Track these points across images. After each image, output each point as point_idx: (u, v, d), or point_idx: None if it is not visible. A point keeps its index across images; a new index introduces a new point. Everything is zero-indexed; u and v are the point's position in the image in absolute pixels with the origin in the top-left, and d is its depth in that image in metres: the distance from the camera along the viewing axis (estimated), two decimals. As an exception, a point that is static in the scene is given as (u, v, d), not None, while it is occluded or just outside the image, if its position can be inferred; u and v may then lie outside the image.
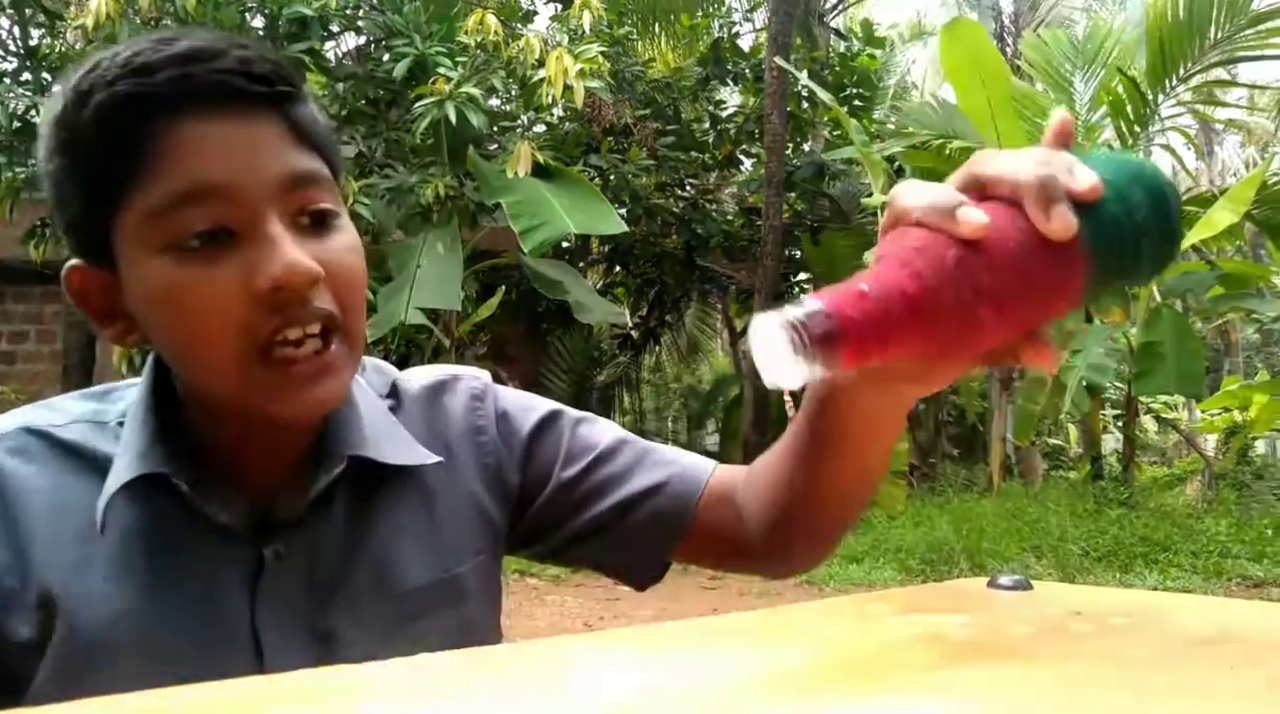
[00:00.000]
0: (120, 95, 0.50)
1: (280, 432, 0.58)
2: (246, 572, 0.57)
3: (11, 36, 6.52)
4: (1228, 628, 0.45)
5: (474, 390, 0.68)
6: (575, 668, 0.37)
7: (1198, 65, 6.60)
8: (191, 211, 0.50)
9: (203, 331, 0.51)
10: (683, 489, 0.66)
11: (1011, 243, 0.40)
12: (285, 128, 0.53)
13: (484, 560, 0.66)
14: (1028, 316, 0.42)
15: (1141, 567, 5.14)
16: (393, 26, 6.07)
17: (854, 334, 0.37)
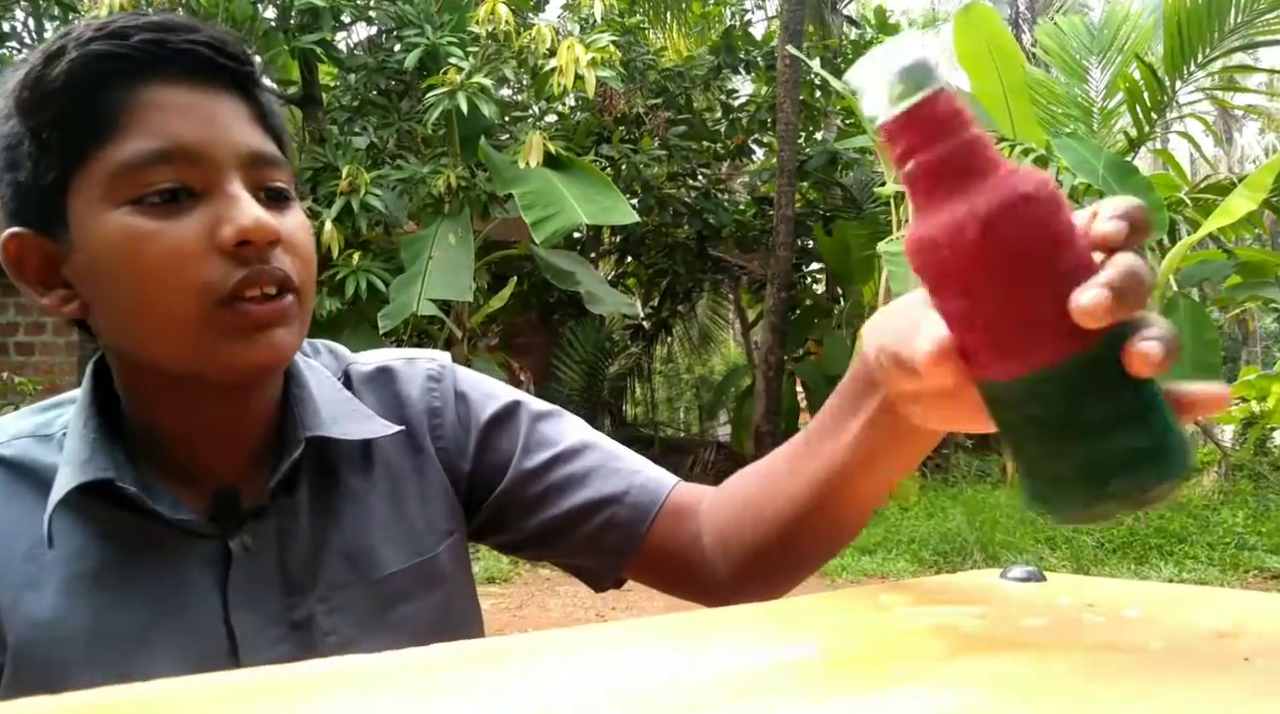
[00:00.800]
0: (93, 54, 0.50)
1: (229, 404, 0.56)
2: (214, 567, 0.55)
3: (26, 29, 6.55)
4: (1242, 620, 0.45)
5: (430, 372, 0.66)
6: (585, 659, 0.37)
7: (1216, 51, 6.51)
8: (158, 169, 0.51)
9: (162, 280, 0.51)
10: (642, 499, 0.63)
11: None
12: (250, 108, 0.55)
13: (455, 540, 0.64)
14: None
15: (1157, 559, 5.11)
16: (404, 16, 6.06)
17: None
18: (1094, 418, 0.36)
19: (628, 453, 0.67)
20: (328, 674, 0.33)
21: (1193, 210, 6.65)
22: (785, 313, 7.52)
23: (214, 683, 0.31)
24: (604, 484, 0.64)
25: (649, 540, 0.63)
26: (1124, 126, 7.03)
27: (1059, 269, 0.35)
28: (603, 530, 0.63)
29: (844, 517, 0.55)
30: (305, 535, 0.58)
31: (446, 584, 0.63)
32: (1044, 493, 0.38)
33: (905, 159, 0.37)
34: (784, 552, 0.58)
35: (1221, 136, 14.07)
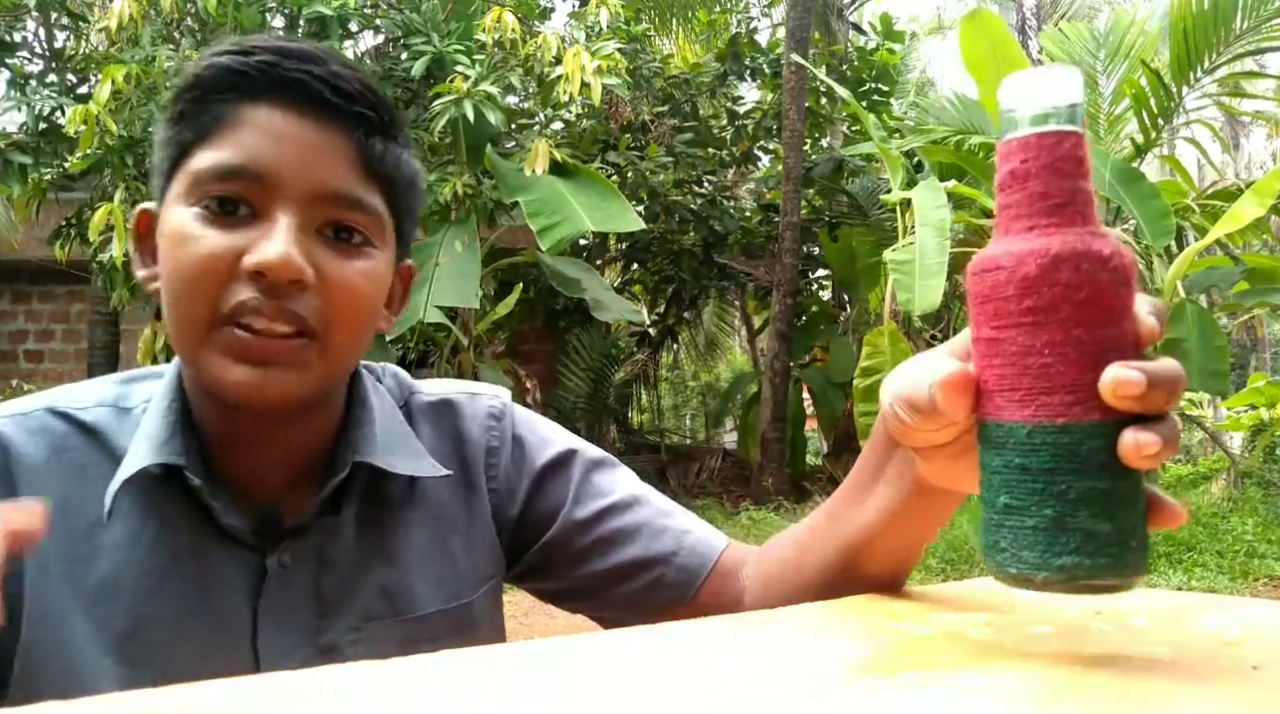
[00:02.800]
0: (217, 66, 0.54)
1: (269, 422, 0.56)
2: (250, 580, 0.55)
3: (37, 39, 6.61)
4: (1251, 628, 0.45)
5: (491, 410, 0.66)
6: (593, 666, 0.37)
7: (1223, 57, 6.50)
8: (226, 182, 0.53)
9: (188, 280, 0.52)
10: (691, 563, 0.63)
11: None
12: (353, 151, 0.55)
13: (492, 586, 0.64)
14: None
15: (1165, 566, 5.08)
16: (411, 25, 6.10)
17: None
18: (1076, 487, 0.36)
19: (678, 509, 0.67)
20: (350, 679, 0.34)
21: (1200, 217, 6.63)
22: (791, 320, 7.51)
23: (231, 689, 0.32)
24: (653, 542, 0.63)
25: (695, 603, 0.63)
26: (1130, 133, 7.01)
27: (1103, 336, 0.36)
28: (649, 589, 0.63)
29: (878, 574, 0.55)
30: (345, 560, 0.58)
31: (478, 631, 0.63)
32: (1000, 545, 0.38)
33: (1013, 181, 0.37)
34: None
35: (1229, 143, 14.03)
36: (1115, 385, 0.34)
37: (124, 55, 5.50)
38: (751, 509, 6.91)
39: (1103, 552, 0.36)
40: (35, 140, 5.94)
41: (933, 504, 0.50)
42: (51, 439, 0.56)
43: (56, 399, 0.58)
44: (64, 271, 6.91)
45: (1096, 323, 0.36)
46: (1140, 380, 0.34)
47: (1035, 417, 0.36)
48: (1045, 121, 0.37)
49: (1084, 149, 0.37)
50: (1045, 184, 0.37)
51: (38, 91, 6.09)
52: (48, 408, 0.57)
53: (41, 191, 6.07)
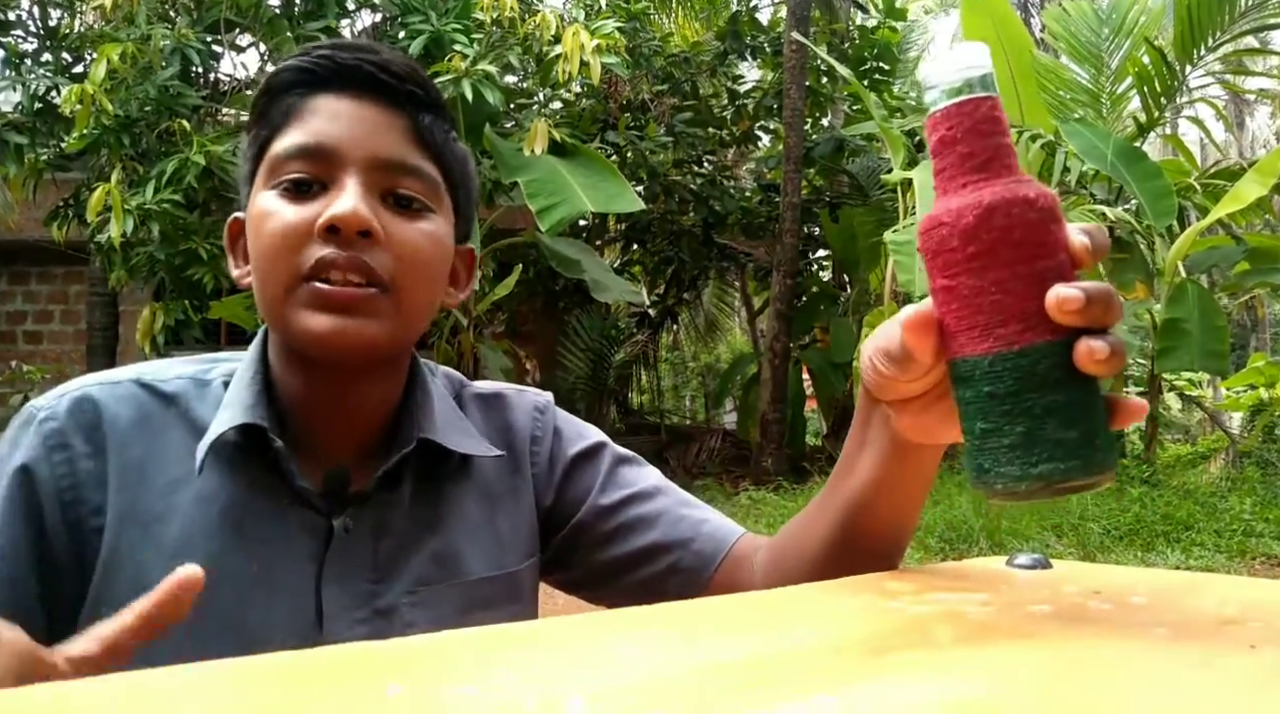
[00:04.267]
0: (285, 68, 0.61)
1: (342, 389, 0.61)
2: (317, 541, 0.60)
3: (31, 17, 6.55)
4: (1249, 606, 0.45)
5: (537, 403, 0.72)
6: (595, 646, 0.37)
7: (1227, 34, 6.45)
8: (297, 161, 0.59)
9: (269, 253, 0.58)
10: (706, 548, 0.68)
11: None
12: (408, 126, 0.61)
13: (534, 564, 0.69)
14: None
15: (1164, 546, 5.10)
16: (408, 3, 6.04)
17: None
18: (1040, 403, 0.40)
19: (697, 502, 0.72)
20: (339, 656, 0.34)
21: (1202, 196, 6.60)
22: (791, 300, 7.51)
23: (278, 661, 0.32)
24: (672, 529, 0.68)
25: (710, 589, 0.67)
26: (1133, 112, 6.97)
27: (1041, 267, 0.40)
28: (667, 574, 0.68)
29: (875, 545, 0.58)
30: (400, 530, 0.62)
31: (524, 601, 0.67)
32: (984, 467, 0.42)
33: (942, 147, 0.42)
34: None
35: (1232, 121, 13.95)
36: (1058, 302, 0.39)
37: (119, 34, 5.45)
38: (751, 489, 6.93)
39: (1073, 455, 0.40)
40: (31, 120, 5.90)
41: (912, 461, 0.54)
42: (137, 406, 0.61)
43: (143, 372, 0.63)
44: (62, 252, 6.89)
45: (1033, 257, 0.40)
46: (1078, 295, 0.39)
47: (994, 347, 0.41)
48: (961, 92, 0.42)
49: (999, 110, 0.42)
50: (970, 145, 0.41)
51: (33, 71, 6.05)
52: (134, 380, 0.62)
53: (38, 172, 6.04)
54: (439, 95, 0.63)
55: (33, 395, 5.52)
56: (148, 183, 5.23)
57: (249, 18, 5.64)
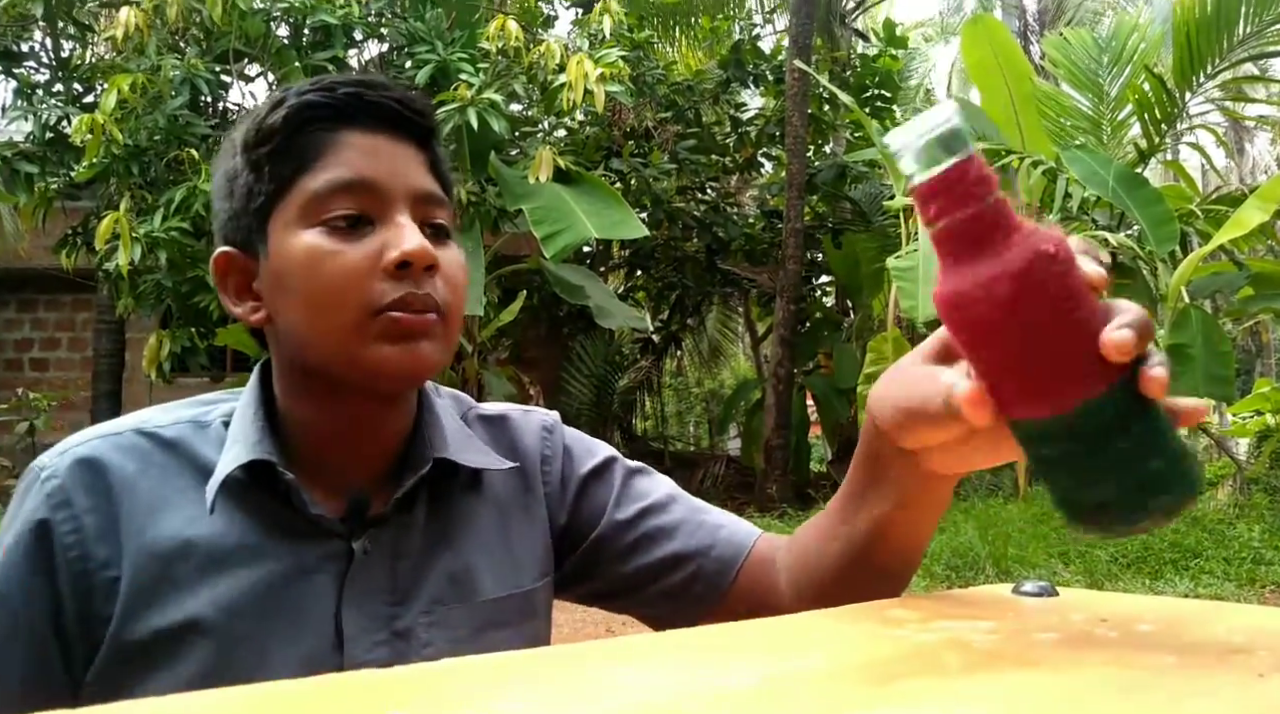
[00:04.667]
0: (306, 102, 0.61)
1: (372, 412, 0.62)
2: (336, 564, 0.60)
3: (44, 49, 6.65)
4: (1257, 635, 0.45)
5: (544, 423, 0.73)
6: (597, 673, 0.37)
7: (1226, 61, 6.50)
8: (343, 198, 0.59)
9: (334, 292, 0.58)
10: (727, 553, 0.69)
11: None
12: (425, 158, 0.63)
13: (548, 583, 0.69)
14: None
15: (1171, 574, 5.06)
16: (415, 33, 6.12)
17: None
18: (1126, 443, 0.40)
19: (712, 508, 0.73)
20: (340, 685, 0.34)
21: (1204, 222, 6.61)
22: (795, 326, 7.51)
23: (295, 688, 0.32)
24: (691, 538, 0.69)
25: (732, 592, 0.68)
26: (1134, 138, 7.01)
27: (1082, 316, 0.40)
28: (689, 581, 0.68)
29: (889, 568, 0.59)
30: (416, 551, 0.63)
31: (538, 619, 0.68)
32: (1090, 516, 0.42)
33: (937, 219, 0.41)
34: (846, 597, 0.60)
35: (1232, 148, 14.03)
36: (1116, 348, 0.39)
37: (130, 64, 5.53)
38: (755, 515, 6.89)
39: (1169, 484, 0.41)
40: (42, 149, 5.97)
41: (933, 491, 0.55)
42: (140, 454, 0.61)
43: (142, 421, 0.64)
44: (70, 280, 6.94)
45: (1073, 308, 0.40)
46: (1130, 336, 0.39)
47: (1064, 406, 0.40)
48: (938, 159, 0.40)
49: (981, 166, 0.40)
50: (968, 211, 0.40)
51: (44, 101, 6.12)
52: (134, 429, 0.63)
53: (48, 200, 6.10)
54: (434, 116, 0.66)
55: (38, 423, 5.51)
56: (156, 211, 5.28)
57: (257, 48, 5.72)
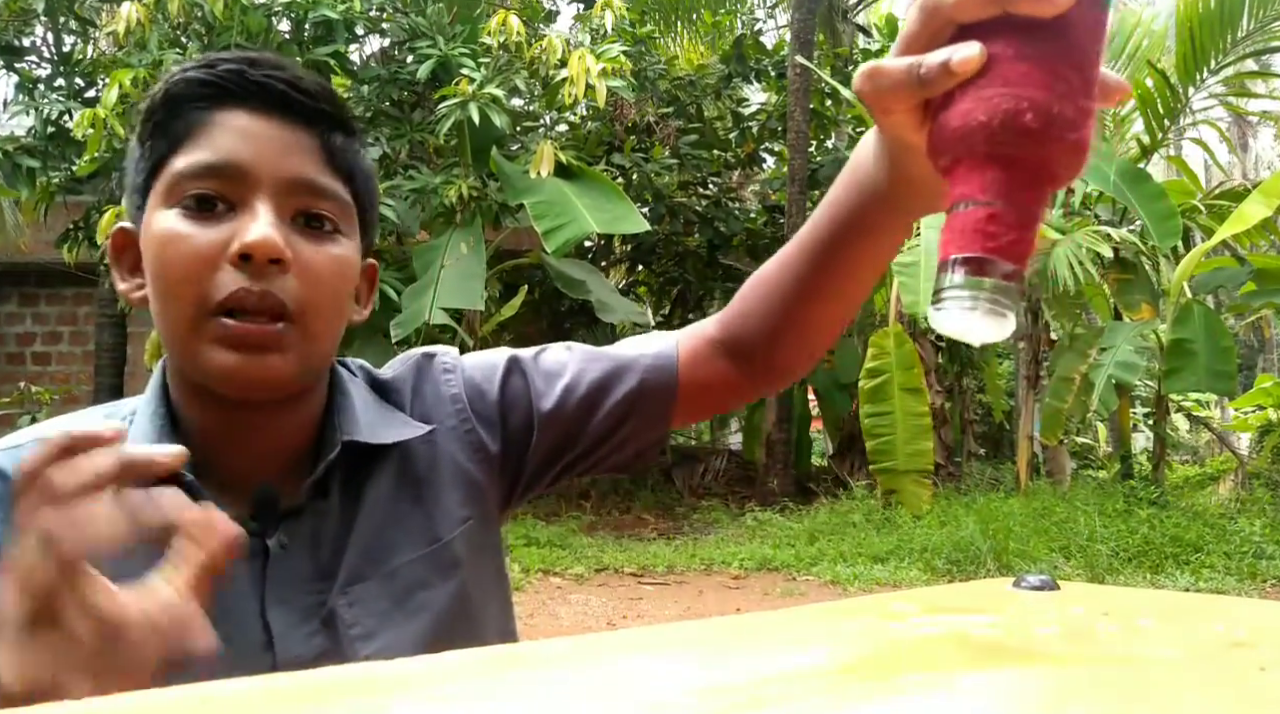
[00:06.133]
0: (188, 78, 0.58)
1: (259, 414, 0.59)
2: (253, 564, 0.58)
3: (45, 43, 6.64)
4: (1259, 630, 0.45)
5: (445, 365, 0.70)
6: (597, 666, 0.37)
7: (1229, 57, 6.49)
8: (203, 180, 0.56)
9: (175, 279, 0.55)
10: (661, 378, 0.69)
11: (1024, 39, 0.35)
12: (318, 146, 0.59)
13: (472, 526, 0.66)
14: (1090, 69, 0.37)
15: (1172, 568, 5.06)
16: (416, 28, 6.11)
17: (1024, 253, 0.36)
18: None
19: (621, 345, 0.72)
20: (343, 681, 0.34)
21: (1207, 217, 6.60)
22: (796, 321, 7.50)
23: (245, 687, 0.32)
24: (622, 385, 0.69)
25: (679, 402, 0.69)
26: (1137, 134, 7.00)
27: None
28: (640, 427, 0.69)
29: (845, 281, 0.61)
30: (333, 535, 0.61)
31: (461, 570, 0.65)
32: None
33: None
34: (796, 313, 0.64)
35: (1235, 143, 13.98)
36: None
37: (131, 59, 5.53)
38: (757, 510, 6.90)
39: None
40: (43, 144, 5.97)
41: (893, 205, 0.53)
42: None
43: (46, 429, 0.61)
44: (71, 274, 6.94)
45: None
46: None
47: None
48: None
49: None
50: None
51: (46, 96, 6.12)
52: (38, 439, 0.60)
53: (49, 195, 6.11)
54: (349, 113, 0.61)
55: (40, 417, 5.55)
56: (157, 205, 5.28)
57: (259, 43, 5.71)
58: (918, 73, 0.38)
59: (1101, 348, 5.99)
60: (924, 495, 6.34)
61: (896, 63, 0.39)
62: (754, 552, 5.65)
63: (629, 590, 4.99)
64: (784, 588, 4.98)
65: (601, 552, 5.85)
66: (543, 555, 5.65)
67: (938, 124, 0.37)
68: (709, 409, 0.72)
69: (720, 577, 5.25)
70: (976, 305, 0.35)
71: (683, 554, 5.74)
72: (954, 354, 7.62)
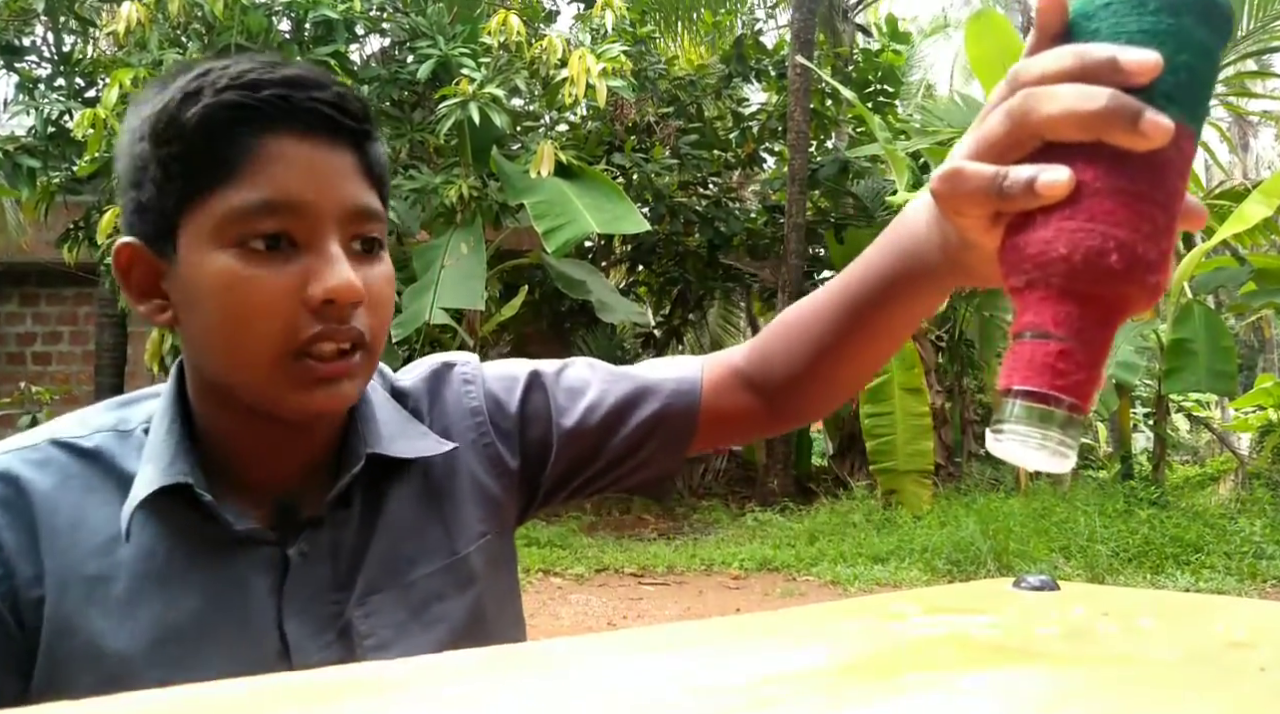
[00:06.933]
0: (227, 103, 0.54)
1: (295, 430, 0.59)
2: (272, 573, 0.58)
3: (46, 43, 6.64)
4: (1259, 630, 0.45)
5: (465, 375, 0.69)
6: (597, 666, 0.37)
7: (1229, 57, 6.48)
8: (264, 218, 0.54)
9: (249, 323, 0.54)
10: (684, 405, 0.68)
11: (1114, 173, 0.34)
12: (359, 162, 0.58)
13: (489, 541, 0.67)
14: (1175, 207, 0.36)
15: (1173, 568, 5.06)
16: (417, 28, 6.12)
17: (1090, 392, 0.35)
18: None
19: (644, 367, 0.71)
20: (346, 681, 0.34)
21: (1207, 217, 6.59)
22: (797, 321, 7.50)
23: (258, 686, 0.32)
24: (645, 408, 0.68)
25: (700, 431, 0.69)
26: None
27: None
28: (659, 450, 0.68)
29: (870, 343, 0.60)
30: (352, 544, 0.61)
31: (478, 584, 0.65)
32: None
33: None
34: (821, 365, 0.63)
35: (1236, 143, 13.97)
36: (1154, 139, 0.34)
37: (131, 59, 5.53)
38: (757, 510, 6.90)
39: None
40: (44, 144, 5.97)
41: (930, 278, 0.53)
42: (58, 468, 0.58)
43: (58, 431, 0.60)
44: (72, 274, 6.94)
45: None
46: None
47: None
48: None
49: None
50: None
51: (46, 95, 6.12)
52: (50, 440, 0.59)
53: (50, 195, 6.11)
54: (373, 117, 0.60)
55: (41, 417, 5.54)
56: (157, 205, 5.28)
57: (259, 43, 5.71)
58: (1000, 184, 0.36)
59: (1102, 348, 5.98)
60: (924, 495, 6.34)
61: (979, 169, 0.37)
62: (754, 552, 5.65)
63: (629, 590, 4.99)
64: (784, 588, 4.97)
65: (602, 552, 5.85)
66: (543, 555, 5.65)
67: (1013, 243, 0.36)
68: (729, 439, 0.72)
69: (720, 577, 5.25)
70: (1041, 444, 0.34)
71: (683, 554, 5.74)
72: (954, 354, 7.62)
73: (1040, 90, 0.35)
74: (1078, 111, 0.34)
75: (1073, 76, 0.35)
